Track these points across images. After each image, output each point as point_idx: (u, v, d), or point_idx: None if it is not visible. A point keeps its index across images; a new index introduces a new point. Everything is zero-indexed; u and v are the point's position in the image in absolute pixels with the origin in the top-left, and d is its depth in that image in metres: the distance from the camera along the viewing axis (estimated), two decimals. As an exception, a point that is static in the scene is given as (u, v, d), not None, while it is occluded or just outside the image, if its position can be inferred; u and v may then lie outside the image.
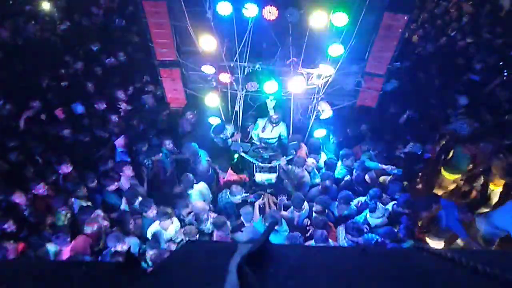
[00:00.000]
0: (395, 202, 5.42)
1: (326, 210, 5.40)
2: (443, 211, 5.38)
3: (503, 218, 4.78)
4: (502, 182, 5.33)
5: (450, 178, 6.09)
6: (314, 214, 5.37)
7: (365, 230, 4.99)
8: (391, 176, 5.97)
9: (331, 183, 5.80)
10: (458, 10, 10.64)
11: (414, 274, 0.87)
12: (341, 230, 5.07)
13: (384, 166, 6.10)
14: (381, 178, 6.07)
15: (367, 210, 5.33)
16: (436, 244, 5.41)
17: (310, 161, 6.21)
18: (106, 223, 4.99)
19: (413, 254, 0.97)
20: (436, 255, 0.89)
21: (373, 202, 5.25)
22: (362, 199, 5.66)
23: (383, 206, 5.24)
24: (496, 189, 5.47)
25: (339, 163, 6.36)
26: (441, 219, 5.37)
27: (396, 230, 5.01)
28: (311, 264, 0.89)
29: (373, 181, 5.99)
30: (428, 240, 5.58)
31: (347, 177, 6.19)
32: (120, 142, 6.26)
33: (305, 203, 5.51)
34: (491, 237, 5.08)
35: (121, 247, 4.57)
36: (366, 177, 6.07)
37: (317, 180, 6.16)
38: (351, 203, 5.52)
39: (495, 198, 5.41)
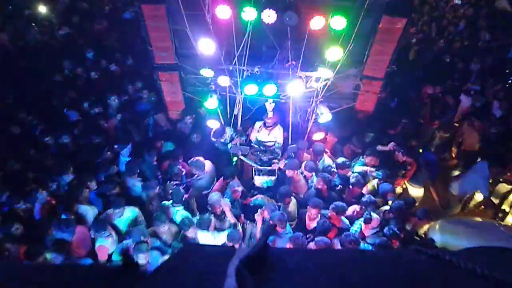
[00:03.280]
0: (387, 208, 5.44)
1: (319, 215, 5.37)
2: (423, 161, 6.17)
3: (471, 182, 5.76)
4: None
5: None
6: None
7: (360, 241, 5.00)
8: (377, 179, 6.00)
9: (323, 184, 5.75)
10: (455, 12, 10.72)
11: (412, 276, 0.87)
12: (336, 244, 5.03)
13: (365, 168, 6.16)
14: (369, 185, 6.08)
15: (360, 220, 5.32)
16: (416, 191, 6.14)
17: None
18: None
19: (411, 257, 0.97)
20: (434, 257, 0.88)
21: (367, 212, 5.21)
22: (357, 207, 5.64)
23: (378, 217, 5.21)
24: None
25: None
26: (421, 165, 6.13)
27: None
28: (309, 267, 0.89)
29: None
30: (409, 186, 6.31)
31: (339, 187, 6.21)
32: (126, 152, 6.25)
33: (293, 199, 5.61)
34: (461, 198, 6.04)
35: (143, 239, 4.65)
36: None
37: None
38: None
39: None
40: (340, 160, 6.27)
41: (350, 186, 6.03)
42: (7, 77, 7.48)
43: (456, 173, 6.45)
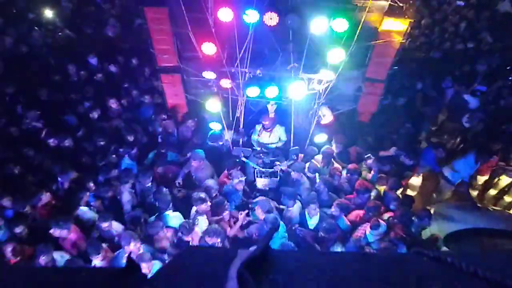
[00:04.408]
0: (390, 215, 5.41)
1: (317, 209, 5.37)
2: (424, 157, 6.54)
3: (460, 167, 6.25)
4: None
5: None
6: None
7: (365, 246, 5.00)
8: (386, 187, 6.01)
9: (324, 186, 5.74)
10: (458, 15, 10.70)
11: (413, 278, 0.87)
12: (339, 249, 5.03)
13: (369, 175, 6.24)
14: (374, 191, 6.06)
15: (364, 225, 5.26)
16: (415, 180, 6.73)
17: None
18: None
19: (412, 259, 0.97)
20: (435, 260, 0.88)
21: (375, 219, 5.15)
22: (360, 212, 5.60)
23: (385, 224, 5.17)
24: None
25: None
26: (420, 159, 6.53)
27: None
28: (311, 269, 0.89)
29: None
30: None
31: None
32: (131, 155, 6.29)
33: (298, 202, 5.56)
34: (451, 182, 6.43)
35: (134, 246, 4.51)
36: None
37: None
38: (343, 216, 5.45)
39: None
40: (352, 166, 6.23)
41: (355, 193, 5.96)
42: (11, 80, 7.50)
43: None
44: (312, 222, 5.44)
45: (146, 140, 6.86)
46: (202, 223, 5.08)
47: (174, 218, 5.30)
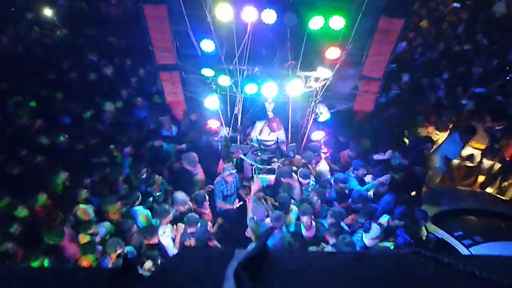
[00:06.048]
0: (389, 216, 5.36)
1: (314, 223, 5.29)
2: None
3: (445, 149, 6.64)
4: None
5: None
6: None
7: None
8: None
9: (317, 198, 5.63)
10: (455, 16, 10.71)
11: (412, 278, 0.87)
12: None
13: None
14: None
15: (361, 230, 5.23)
16: None
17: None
18: None
19: (410, 259, 0.97)
20: (433, 260, 0.89)
21: (367, 221, 5.08)
22: (356, 216, 5.56)
23: (378, 226, 5.05)
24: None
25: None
26: None
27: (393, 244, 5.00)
28: (309, 269, 0.89)
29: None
30: None
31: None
32: (127, 150, 6.31)
33: (293, 207, 5.55)
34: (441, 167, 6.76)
35: (121, 251, 4.60)
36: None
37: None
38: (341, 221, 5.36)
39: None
40: (340, 175, 6.14)
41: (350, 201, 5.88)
42: (7, 79, 7.44)
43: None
44: (307, 234, 5.32)
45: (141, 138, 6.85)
46: (169, 231, 5.22)
47: (142, 215, 5.40)
